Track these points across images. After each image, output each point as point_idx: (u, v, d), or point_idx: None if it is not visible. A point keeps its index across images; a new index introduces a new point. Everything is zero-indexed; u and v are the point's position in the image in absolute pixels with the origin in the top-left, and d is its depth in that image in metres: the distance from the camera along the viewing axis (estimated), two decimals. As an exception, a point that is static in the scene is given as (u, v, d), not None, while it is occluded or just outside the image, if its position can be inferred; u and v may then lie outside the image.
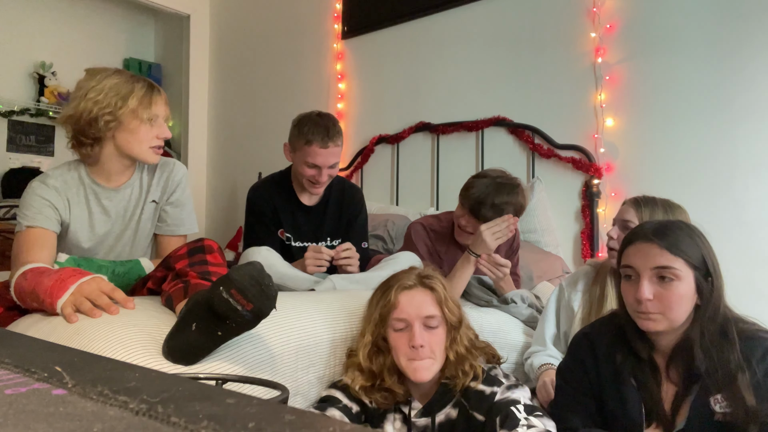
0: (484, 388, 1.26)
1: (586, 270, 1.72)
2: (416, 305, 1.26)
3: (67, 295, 1.14)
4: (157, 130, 1.51)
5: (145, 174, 1.61)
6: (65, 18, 4.23)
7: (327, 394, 1.28)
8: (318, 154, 1.90)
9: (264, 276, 1.01)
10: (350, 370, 1.29)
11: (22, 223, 1.42)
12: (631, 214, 1.50)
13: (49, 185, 1.47)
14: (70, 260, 1.45)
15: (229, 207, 4.16)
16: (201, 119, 4.32)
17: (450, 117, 2.96)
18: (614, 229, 1.54)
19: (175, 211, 1.63)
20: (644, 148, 2.39)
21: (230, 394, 0.40)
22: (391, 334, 1.27)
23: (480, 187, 1.88)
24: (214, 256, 1.34)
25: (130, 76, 1.50)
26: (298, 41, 3.75)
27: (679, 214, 1.45)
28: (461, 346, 1.29)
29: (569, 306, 1.67)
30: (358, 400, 1.27)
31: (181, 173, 1.64)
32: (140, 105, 1.46)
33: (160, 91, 1.53)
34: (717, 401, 1.08)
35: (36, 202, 1.44)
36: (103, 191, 1.54)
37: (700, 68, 2.27)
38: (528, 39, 2.74)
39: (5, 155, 3.89)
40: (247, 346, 1.17)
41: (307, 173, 1.94)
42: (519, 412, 1.18)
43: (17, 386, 0.42)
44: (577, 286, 1.68)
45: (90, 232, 1.54)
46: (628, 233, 1.21)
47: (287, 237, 2.06)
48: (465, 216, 1.92)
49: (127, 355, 1.04)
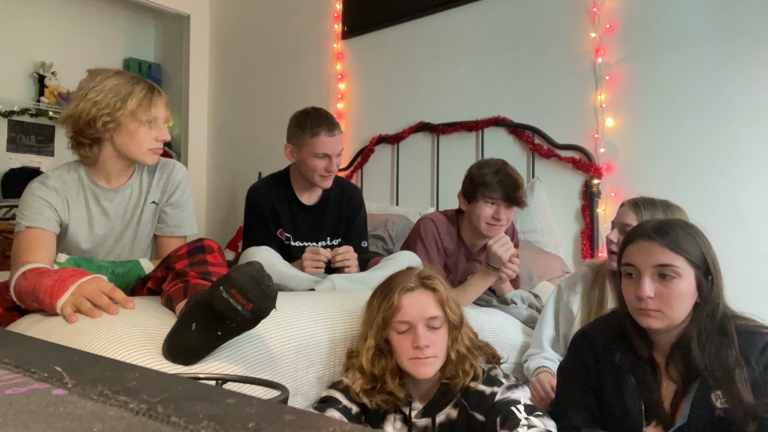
0: (484, 389, 1.26)
1: (584, 272, 1.72)
2: (419, 307, 1.26)
3: (67, 295, 1.14)
4: (157, 132, 1.51)
5: (145, 175, 1.60)
6: (65, 18, 4.23)
7: (327, 395, 1.27)
8: (327, 142, 1.91)
9: (264, 276, 1.00)
10: (351, 372, 1.28)
11: (22, 224, 1.42)
12: (630, 217, 1.50)
13: (48, 186, 1.47)
14: (70, 260, 1.45)
15: (229, 207, 4.16)
16: (201, 119, 4.32)
17: (450, 117, 2.96)
18: (614, 232, 1.54)
19: (174, 212, 1.63)
20: (644, 148, 2.39)
21: (230, 394, 0.40)
22: (394, 337, 1.27)
23: (502, 173, 1.86)
24: (214, 256, 1.33)
25: (131, 78, 1.49)
26: (298, 41, 3.75)
27: (679, 215, 1.46)
28: (462, 345, 1.29)
29: (568, 308, 1.67)
30: (358, 402, 1.27)
31: (181, 174, 1.64)
32: (139, 107, 1.46)
33: (161, 93, 1.52)
34: (718, 397, 1.08)
35: (35, 202, 1.44)
36: (103, 192, 1.54)
37: (700, 68, 2.27)
38: (528, 39, 2.74)
39: (5, 155, 3.89)
40: (247, 346, 1.17)
41: (319, 166, 1.94)
42: (519, 412, 1.18)
43: (17, 386, 0.42)
44: (575, 288, 1.68)
45: (89, 233, 1.54)
46: (629, 231, 1.21)
47: (287, 237, 2.06)
48: (495, 206, 1.87)
49: (128, 355, 1.04)
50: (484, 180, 1.86)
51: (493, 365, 1.34)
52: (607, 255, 1.59)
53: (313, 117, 1.94)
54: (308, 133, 1.92)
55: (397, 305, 1.25)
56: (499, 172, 1.87)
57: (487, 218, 1.88)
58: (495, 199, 1.86)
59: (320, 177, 1.97)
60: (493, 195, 1.85)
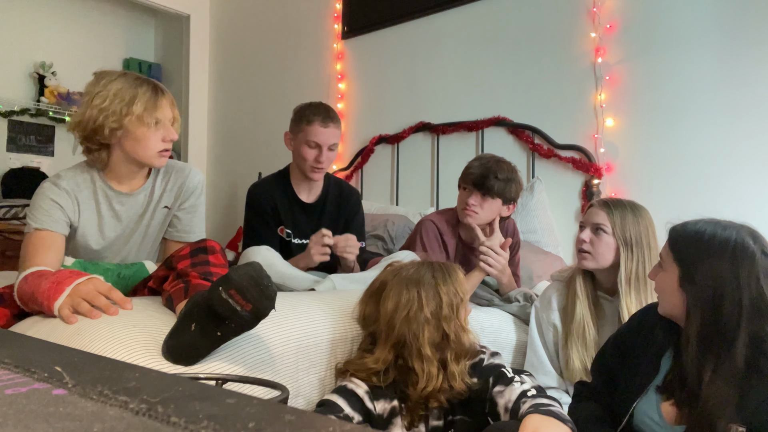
0: (472, 361, 1.30)
1: (555, 287, 1.73)
2: None
3: (63, 296, 1.14)
4: (164, 132, 1.49)
5: (160, 178, 1.60)
6: (65, 18, 4.23)
7: (329, 399, 1.24)
8: (319, 132, 1.96)
9: (263, 276, 1.00)
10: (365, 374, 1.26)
11: (31, 225, 1.41)
12: (602, 217, 1.58)
13: (60, 187, 1.46)
14: (77, 264, 1.45)
15: (229, 207, 4.16)
16: (201, 119, 4.32)
17: (450, 117, 2.96)
18: (586, 232, 1.60)
19: (186, 217, 1.63)
20: (644, 148, 2.39)
21: (230, 394, 0.40)
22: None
23: (482, 162, 1.92)
24: (216, 257, 1.33)
25: (135, 79, 1.47)
26: (298, 41, 3.75)
27: (645, 214, 1.60)
28: (455, 365, 1.27)
29: (551, 323, 1.68)
30: (362, 409, 1.23)
31: (197, 180, 1.63)
32: (145, 111, 1.43)
33: (165, 93, 1.50)
34: None
35: (45, 204, 1.43)
36: (116, 195, 1.53)
37: (700, 68, 2.27)
38: (528, 39, 2.74)
39: (5, 155, 3.89)
40: (247, 346, 1.17)
41: (309, 156, 1.98)
42: (509, 372, 1.25)
43: (17, 386, 0.42)
44: (552, 305, 1.69)
45: (99, 236, 1.53)
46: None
47: (287, 234, 2.07)
48: (467, 192, 1.93)
49: (128, 356, 1.04)
50: (466, 169, 1.95)
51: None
52: (578, 254, 1.63)
53: (313, 107, 2.01)
54: (303, 121, 1.99)
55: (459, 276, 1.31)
56: (479, 160, 1.94)
57: (461, 203, 1.95)
58: (467, 184, 1.93)
59: (311, 168, 2.00)
60: (466, 180, 1.93)
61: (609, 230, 1.56)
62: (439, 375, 1.23)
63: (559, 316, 1.66)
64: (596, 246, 1.57)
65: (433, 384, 1.22)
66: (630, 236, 1.55)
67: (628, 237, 1.55)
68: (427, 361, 1.22)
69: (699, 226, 1.17)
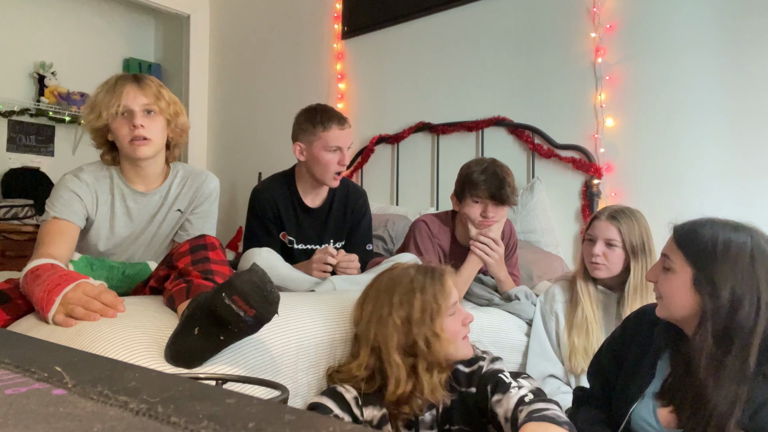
0: (471, 369, 1.29)
1: (560, 284, 1.84)
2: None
3: (55, 307, 1.14)
4: (132, 120, 1.47)
5: (177, 182, 1.62)
6: (65, 18, 4.23)
7: (318, 402, 1.22)
8: (339, 135, 1.93)
9: (266, 281, 1.00)
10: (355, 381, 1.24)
11: (49, 213, 1.45)
12: (614, 232, 1.67)
13: (81, 179, 1.51)
14: (83, 259, 1.46)
15: (228, 207, 4.16)
16: (201, 119, 4.32)
17: (450, 117, 2.96)
18: (599, 246, 1.68)
19: (198, 221, 1.64)
20: (644, 148, 2.39)
21: (230, 394, 0.40)
22: (447, 321, 1.24)
23: (487, 171, 1.86)
24: (216, 253, 1.33)
25: (113, 78, 1.52)
26: (298, 41, 3.75)
27: (642, 218, 1.71)
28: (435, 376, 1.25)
29: (553, 312, 1.80)
30: (349, 413, 1.21)
31: (212, 186, 1.65)
32: (109, 104, 1.47)
33: (134, 80, 1.50)
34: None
35: (66, 194, 1.47)
36: (132, 193, 1.56)
37: (700, 68, 2.27)
38: (528, 39, 2.74)
39: (5, 155, 3.89)
40: (247, 347, 1.17)
41: (332, 161, 1.94)
42: (507, 378, 1.23)
43: (17, 386, 0.42)
44: (556, 297, 1.81)
45: (109, 232, 1.56)
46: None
47: (290, 240, 2.04)
48: (482, 205, 1.88)
49: (129, 356, 1.04)
50: (470, 179, 1.88)
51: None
52: (589, 266, 1.71)
53: (323, 112, 1.96)
54: (320, 128, 1.92)
55: (449, 288, 1.27)
56: (485, 171, 1.86)
57: (475, 217, 1.90)
58: (481, 198, 1.87)
59: (334, 175, 1.96)
60: (480, 194, 1.86)
61: (620, 244, 1.67)
62: (409, 382, 1.20)
63: (562, 307, 1.77)
64: (610, 258, 1.68)
65: (402, 389, 1.19)
66: (636, 244, 1.66)
67: (635, 246, 1.66)
68: (396, 366, 1.20)
69: (711, 227, 1.16)
